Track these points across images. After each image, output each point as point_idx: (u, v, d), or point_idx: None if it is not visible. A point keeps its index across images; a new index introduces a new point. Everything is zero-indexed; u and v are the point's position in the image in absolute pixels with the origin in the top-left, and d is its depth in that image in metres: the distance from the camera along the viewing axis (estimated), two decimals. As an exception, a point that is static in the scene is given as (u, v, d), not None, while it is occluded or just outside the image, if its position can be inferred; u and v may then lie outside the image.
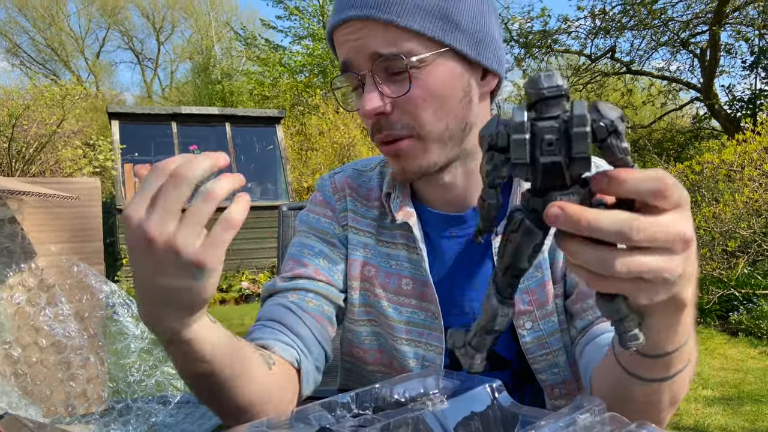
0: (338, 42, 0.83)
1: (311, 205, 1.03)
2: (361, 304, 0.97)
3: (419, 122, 0.81)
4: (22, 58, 23.80)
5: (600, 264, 0.44)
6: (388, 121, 0.82)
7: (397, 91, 0.80)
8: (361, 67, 0.81)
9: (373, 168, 1.03)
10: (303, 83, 14.65)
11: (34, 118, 7.09)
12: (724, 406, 3.36)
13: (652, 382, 0.62)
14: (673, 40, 10.32)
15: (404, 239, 0.95)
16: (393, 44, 0.78)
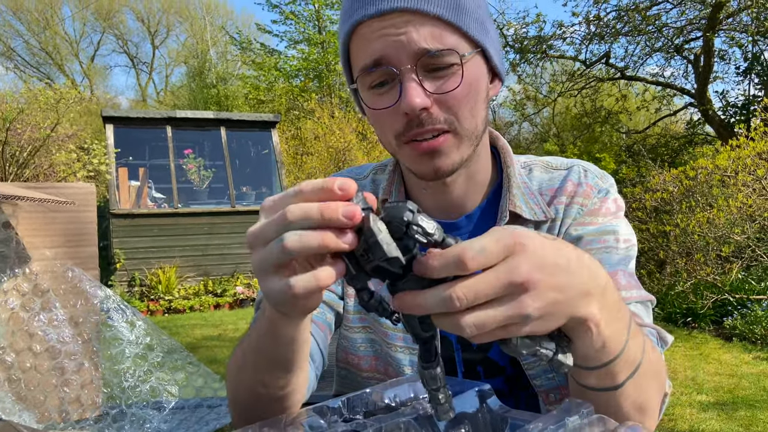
0: (369, 35, 0.79)
1: None
2: (356, 311, 0.97)
3: (459, 117, 0.81)
4: (16, 61, 23.74)
5: (454, 328, 0.48)
6: (430, 116, 0.79)
7: (441, 87, 0.79)
8: (401, 62, 0.77)
9: (367, 176, 1.02)
10: (298, 87, 14.66)
11: (28, 122, 7.06)
12: (719, 411, 3.37)
13: (605, 391, 0.63)
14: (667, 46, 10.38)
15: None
16: (438, 39, 0.77)
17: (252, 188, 9.08)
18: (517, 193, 0.91)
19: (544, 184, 0.94)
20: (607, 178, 0.94)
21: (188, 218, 8.13)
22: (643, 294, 0.85)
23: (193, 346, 5.25)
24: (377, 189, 0.99)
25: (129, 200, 8.11)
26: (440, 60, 0.77)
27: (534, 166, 0.96)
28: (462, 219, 0.93)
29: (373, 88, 0.81)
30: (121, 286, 7.70)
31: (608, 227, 0.88)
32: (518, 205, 0.90)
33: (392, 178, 0.97)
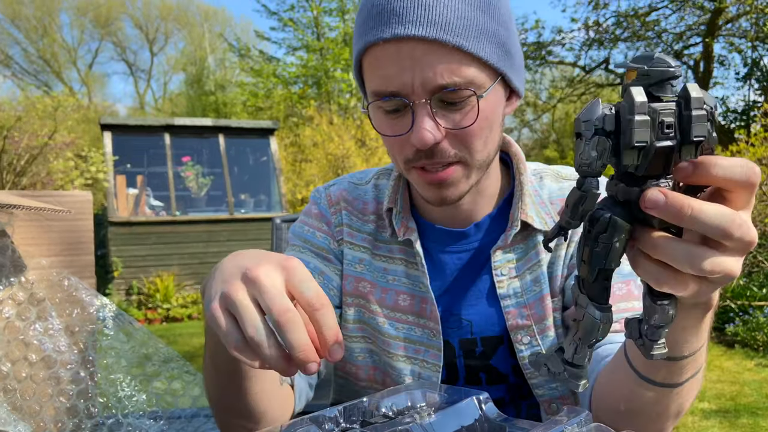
0: (383, 59, 0.75)
1: (305, 217, 1.01)
2: (355, 320, 0.96)
3: (470, 150, 0.79)
4: (14, 69, 23.76)
5: (687, 260, 0.43)
6: (441, 149, 0.77)
7: (456, 123, 0.76)
8: (415, 95, 0.74)
9: (368, 181, 1.01)
10: (297, 94, 14.68)
11: (26, 130, 7.06)
12: (721, 418, 3.35)
13: (663, 387, 0.63)
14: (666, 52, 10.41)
15: (403, 254, 0.93)
16: (456, 73, 0.73)
17: (250, 195, 9.07)
18: (528, 201, 0.90)
19: (554, 193, 0.93)
20: None
21: (186, 226, 8.12)
22: None
23: (192, 355, 5.23)
24: (380, 194, 0.98)
25: (127, 208, 8.10)
26: (456, 94, 0.74)
27: (545, 175, 0.95)
28: (471, 227, 0.92)
29: (387, 112, 0.78)
30: (119, 294, 7.67)
31: None
32: (530, 215, 0.89)
33: (397, 185, 0.95)
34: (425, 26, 0.71)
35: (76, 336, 1.06)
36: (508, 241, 0.89)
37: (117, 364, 1.06)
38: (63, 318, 1.06)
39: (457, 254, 0.92)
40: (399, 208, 0.93)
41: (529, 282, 0.89)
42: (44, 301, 1.06)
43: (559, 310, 0.89)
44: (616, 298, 0.83)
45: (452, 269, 0.92)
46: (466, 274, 0.92)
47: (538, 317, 0.88)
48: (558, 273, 0.89)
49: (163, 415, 1.07)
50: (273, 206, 8.97)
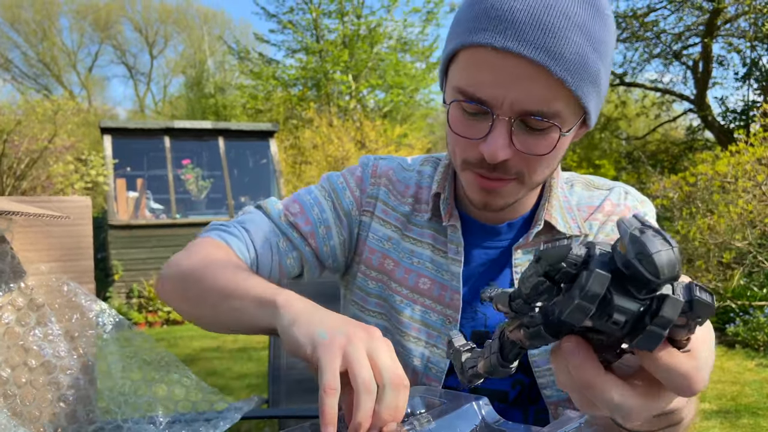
0: (481, 64, 0.73)
1: (347, 173, 1.02)
2: (375, 295, 0.98)
3: (531, 173, 0.79)
4: (13, 72, 23.77)
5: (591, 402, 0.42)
6: (505, 166, 0.78)
7: (530, 148, 0.76)
8: (501, 108, 0.73)
9: (413, 168, 1.02)
10: (296, 96, 14.69)
11: (26, 134, 7.05)
12: (722, 419, 3.35)
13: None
14: (665, 52, 10.42)
15: (432, 240, 0.95)
16: (549, 103, 0.72)
17: (251, 198, 9.07)
18: (555, 204, 0.92)
19: (583, 200, 0.95)
20: (647, 204, 0.96)
21: (187, 229, 8.11)
22: None
23: (192, 358, 5.23)
24: (422, 179, 0.99)
25: (127, 211, 8.10)
26: (540, 123, 0.74)
27: (576, 183, 0.97)
28: (504, 226, 0.93)
29: (466, 112, 0.78)
30: (120, 298, 7.67)
31: None
32: (554, 216, 0.91)
33: (446, 173, 0.96)
34: (539, 51, 0.69)
35: (75, 341, 1.06)
36: (530, 239, 0.90)
37: (116, 369, 1.07)
38: (62, 323, 1.07)
39: (485, 250, 0.94)
40: (446, 194, 0.94)
41: None
42: (44, 306, 1.07)
43: None
44: None
45: (477, 263, 0.93)
46: (489, 268, 0.93)
47: None
48: None
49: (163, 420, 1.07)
50: (273, 208, 8.97)
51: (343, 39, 14.40)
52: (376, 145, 10.42)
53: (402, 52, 15.01)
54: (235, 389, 4.16)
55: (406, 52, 15.06)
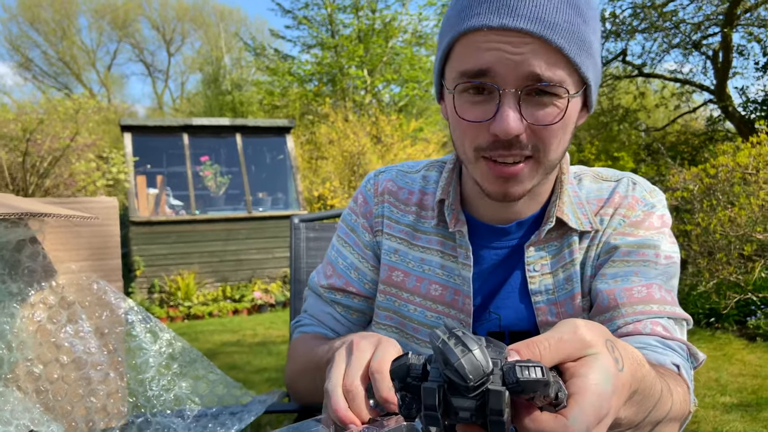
0: (481, 44, 0.75)
1: (354, 204, 1.07)
2: (384, 308, 1.00)
3: (546, 148, 0.79)
4: (34, 71, 24.12)
5: None
6: (519, 142, 0.78)
7: (539, 118, 0.77)
8: (506, 82, 0.75)
9: (418, 171, 1.03)
10: (312, 92, 14.72)
11: (48, 132, 7.17)
12: (743, 412, 3.32)
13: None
14: (684, 42, 10.26)
15: (440, 246, 0.96)
16: (553, 70, 0.74)
17: (268, 194, 9.13)
18: (566, 200, 0.91)
19: (592, 194, 0.94)
20: (657, 193, 0.94)
21: (206, 225, 8.21)
22: (678, 311, 0.84)
23: (213, 353, 5.29)
24: (427, 185, 1.00)
25: (148, 208, 8.21)
26: (548, 89, 0.75)
27: (584, 176, 0.96)
28: (513, 225, 0.93)
29: (468, 91, 0.79)
30: (141, 293, 7.79)
31: (649, 241, 0.88)
32: (565, 213, 0.90)
33: (451, 178, 0.97)
34: (534, 22, 0.72)
35: (105, 338, 1.10)
36: (541, 236, 0.90)
37: (145, 365, 1.10)
38: (92, 320, 1.10)
39: (495, 250, 0.94)
40: (451, 200, 0.95)
41: (561, 280, 0.91)
42: (74, 304, 1.10)
43: (587, 310, 0.90)
44: (634, 300, 0.83)
45: (488, 264, 0.94)
46: (501, 268, 0.93)
47: (568, 315, 0.89)
48: (588, 273, 0.91)
49: (190, 413, 1.10)
50: (290, 204, 9.03)
51: (358, 34, 14.39)
52: (391, 139, 10.42)
53: (417, 45, 14.97)
54: (255, 383, 4.21)
55: (421, 45, 15.01)
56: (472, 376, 0.39)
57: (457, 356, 0.40)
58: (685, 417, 0.73)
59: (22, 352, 1.05)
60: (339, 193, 9.28)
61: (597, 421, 0.45)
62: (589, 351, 0.47)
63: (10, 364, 1.04)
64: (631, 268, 0.86)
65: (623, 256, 0.87)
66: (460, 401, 0.41)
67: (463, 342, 0.40)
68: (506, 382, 0.41)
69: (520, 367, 0.41)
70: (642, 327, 0.81)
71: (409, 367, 0.46)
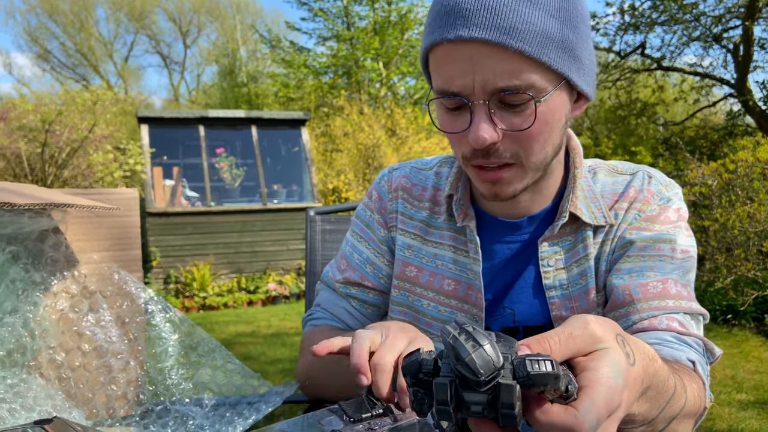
0: (444, 59, 0.77)
1: (368, 200, 1.08)
2: (398, 303, 1.01)
3: (527, 153, 0.80)
4: (52, 63, 24.36)
5: None
6: (497, 150, 0.79)
7: (513, 124, 0.77)
8: (474, 93, 0.75)
9: (431, 167, 1.04)
10: (327, 84, 14.72)
11: (66, 124, 7.25)
12: (759, 409, 3.29)
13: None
14: (705, 35, 10.10)
15: (453, 241, 0.96)
16: (516, 76, 0.74)
17: (283, 186, 9.17)
18: (580, 195, 0.91)
19: (607, 187, 0.93)
20: (673, 186, 0.93)
21: (221, 216, 8.27)
22: (695, 307, 0.83)
23: (228, 343, 5.34)
24: (440, 181, 1.01)
25: (164, 199, 8.29)
26: (515, 97, 0.75)
27: (599, 170, 0.96)
28: (524, 220, 0.93)
29: (449, 109, 0.81)
30: (158, 283, 7.87)
31: (665, 235, 0.87)
32: (579, 207, 0.89)
33: (460, 173, 0.98)
34: (489, 30, 0.72)
35: (126, 327, 1.11)
36: (555, 231, 0.90)
37: (164, 354, 1.12)
38: (113, 310, 1.12)
39: (508, 245, 0.94)
40: (459, 195, 0.96)
41: (575, 275, 0.90)
42: (96, 293, 1.12)
43: (602, 305, 0.90)
44: (649, 296, 0.83)
45: (501, 259, 0.94)
46: (515, 264, 0.93)
47: (582, 310, 0.89)
48: (603, 268, 0.90)
49: (208, 402, 1.12)
50: (305, 196, 9.06)
51: (373, 26, 14.35)
52: (406, 132, 10.40)
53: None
54: (269, 374, 4.25)
55: (437, 38, 14.92)
56: (483, 371, 0.40)
57: (468, 351, 0.40)
58: (700, 413, 0.72)
59: (45, 340, 1.08)
60: (353, 185, 9.29)
61: (608, 413, 0.45)
62: (600, 346, 0.47)
63: (33, 351, 1.06)
64: (646, 263, 0.85)
65: (639, 251, 0.87)
66: (472, 396, 0.42)
67: (474, 337, 0.41)
68: (517, 376, 0.42)
69: (530, 361, 0.41)
70: (658, 323, 0.81)
71: (421, 362, 0.47)
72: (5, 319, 1.04)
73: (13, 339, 1.04)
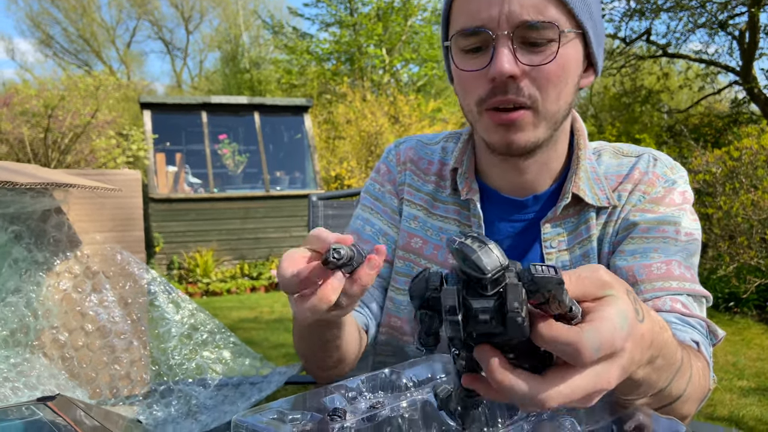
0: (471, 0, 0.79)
1: (376, 175, 1.08)
2: (403, 273, 1.01)
3: (543, 96, 0.80)
4: (55, 48, 24.27)
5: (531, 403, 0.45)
6: (517, 86, 0.79)
7: (534, 61, 0.78)
8: (499, 27, 0.77)
9: (437, 142, 1.05)
10: (330, 71, 14.66)
11: (69, 109, 7.24)
12: (760, 396, 3.30)
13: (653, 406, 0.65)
14: (711, 22, 10.01)
15: (457, 215, 0.97)
16: (542, 12, 0.76)
17: (286, 173, 9.17)
18: (583, 176, 0.91)
19: (611, 169, 0.93)
20: (678, 169, 0.92)
21: (224, 203, 8.27)
22: (698, 289, 0.83)
23: (231, 328, 5.35)
24: (446, 156, 1.02)
25: (167, 185, 8.29)
26: (539, 33, 0.77)
27: (603, 152, 0.96)
28: (530, 198, 0.93)
29: (467, 52, 0.82)
30: (161, 269, 7.90)
31: (669, 217, 0.87)
32: (582, 188, 0.90)
33: (465, 147, 0.98)
34: None
35: (129, 307, 1.12)
36: (558, 212, 0.90)
37: (167, 334, 1.12)
38: (116, 290, 1.12)
39: (512, 223, 0.94)
40: (464, 168, 0.96)
41: (578, 256, 0.91)
42: (99, 274, 1.12)
43: None
44: (653, 277, 0.83)
45: (504, 236, 0.94)
46: (518, 243, 0.94)
47: None
48: (606, 249, 0.90)
49: (212, 382, 1.12)
50: (308, 183, 9.06)
51: (377, 12, 14.25)
52: (409, 120, 10.36)
53: (437, 24, 14.79)
54: (272, 358, 4.27)
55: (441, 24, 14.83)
56: (490, 268, 0.40)
57: (474, 250, 0.41)
58: (704, 394, 0.73)
59: (48, 320, 1.08)
60: (356, 173, 9.28)
61: (610, 350, 0.44)
62: (609, 291, 0.47)
63: (36, 331, 1.07)
64: (650, 245, 0.85)
65: (643, 233, 0.86)
66: (479, 302, 0.41)
67: (480, 239, 0.42)
68: (522, 279, 0.42)
69: (534, 266, 0.42)
70: (661, 304, 0.81)
71: (428, 279, 0.46)
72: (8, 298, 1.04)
73: (16, 318, 1.05)
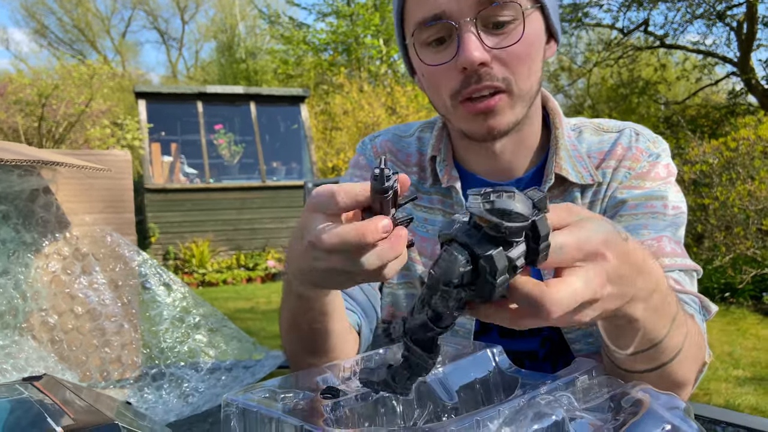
0: None
1: (353, 169, 1.04)
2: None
3: (516, 76, 0.79)
4: (49, 38, 24.12)
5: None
6: (489, 72, 0.78)
7: (500, 43, 0.77)
8: (461, 14, 0.76)
9: (412, 134, 1.02)
10: (327, 61, 14.59)
11: (63, 98, 7.19)
12: (756, 385, 3.31)
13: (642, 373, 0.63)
14: (708, 13, 9.98)
15: (441, 204, 0.95)
16: None
17: (282, 163, 9.14)
18: (564, 155, 0.89)
19: (593, 146, 0.92)
20: (660, 142, 0.91)
21: (220, 193, 8.24)
22: (689, 263, 0.83)
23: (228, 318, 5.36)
24: (423, 146, 1.00)
25: (162, 175, 8.25)
26: (501, 12, 0.76)
27: (584, 128, 0.94)
28: (512, 182, 0.92)
29: (430, 45, 0.80)
30: (157, 259, 7.86)
31: (656, 192, 0.86)
32: (564, 168, 0.88)
33: (441, 134, 0.96)
34: None
35: (119, 290, 1.10)
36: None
37: (159, 317, 1.10)
38: (107, 272, 1.10)
39: None
40: (442, 156, 0.94)
41: None
42: (88, 256, 1.10)
43: None
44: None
45: None
46: None
47: None
48: None
49: (204, 366, 1.11)
50: (304, 174, 9.03)
51: (374, 1, 14.17)
52: (406, 110, 10.33)
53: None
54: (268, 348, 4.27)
55: (438, 15, 14.76)
56: (527, 213, 0.42)
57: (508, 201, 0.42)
58: (701, 363, 0.72)
59: (37, 302, 1.06)
60: (353, 163, 9.26)
61: (586, 246, 0.45)
62: (584, 215, 0.48)
63: (24, 313, 1.05)
64: (640, 221, 0.84)
65: (631, 210, 0.85)
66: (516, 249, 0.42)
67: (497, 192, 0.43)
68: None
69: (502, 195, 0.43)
70: None
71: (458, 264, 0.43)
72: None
73: (4, 301, 1.03)
